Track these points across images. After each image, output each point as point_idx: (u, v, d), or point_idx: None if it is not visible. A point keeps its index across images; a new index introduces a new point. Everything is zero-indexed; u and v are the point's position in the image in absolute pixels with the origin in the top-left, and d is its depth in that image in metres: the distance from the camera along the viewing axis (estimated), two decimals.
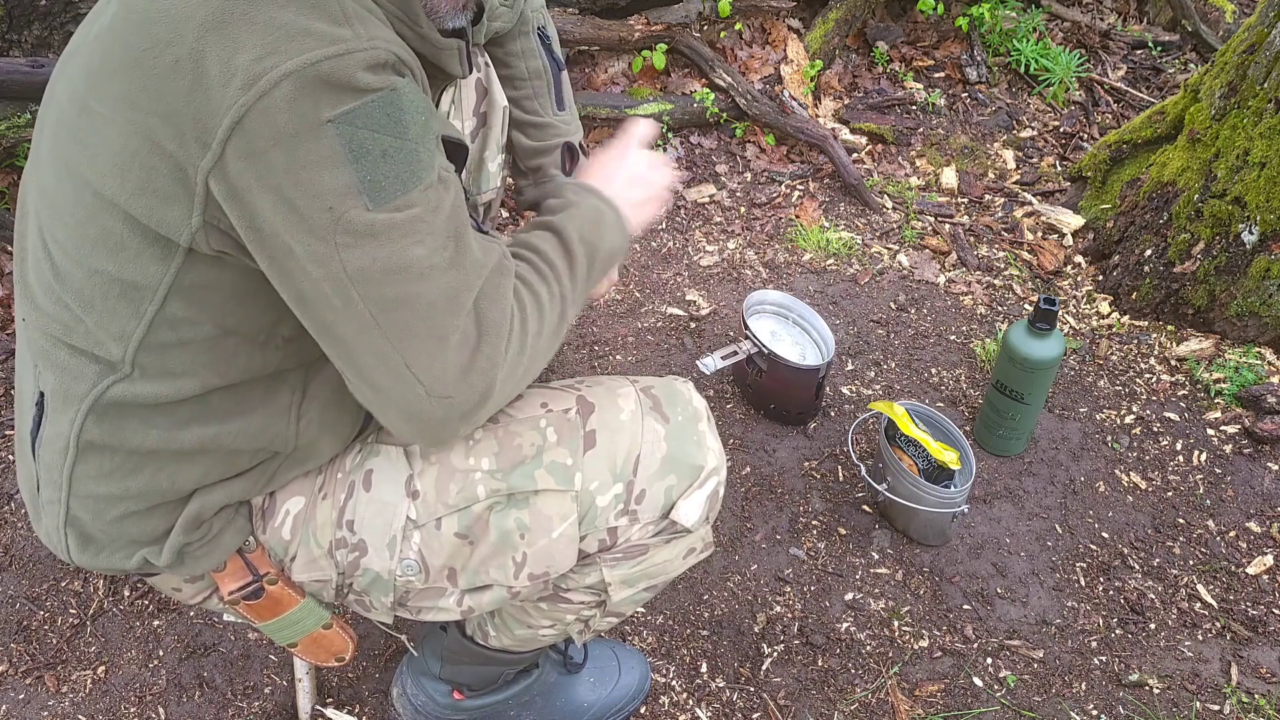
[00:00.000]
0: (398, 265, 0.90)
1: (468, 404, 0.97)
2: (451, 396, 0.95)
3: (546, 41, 1.59)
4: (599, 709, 1.65)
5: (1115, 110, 3.23)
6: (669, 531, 1.23)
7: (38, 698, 1.69)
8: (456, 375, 0.95)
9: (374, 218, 0.88)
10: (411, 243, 0.90)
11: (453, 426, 0.98)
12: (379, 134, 0.87)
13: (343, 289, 0.90)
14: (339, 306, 0.91)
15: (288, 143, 0.84)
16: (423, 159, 0.91)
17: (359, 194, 0.87)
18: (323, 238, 0.88)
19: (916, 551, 1.97)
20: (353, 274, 0.89)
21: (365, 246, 0.89)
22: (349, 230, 0.88)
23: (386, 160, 0.88)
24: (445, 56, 1.05)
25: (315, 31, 0.85)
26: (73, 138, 0.95)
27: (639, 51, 3.00)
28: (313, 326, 0.95)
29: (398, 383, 0.94)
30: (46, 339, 1.04)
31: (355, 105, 0.86)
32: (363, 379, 0.96)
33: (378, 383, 0.95)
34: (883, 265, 2.63)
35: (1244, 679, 1.79)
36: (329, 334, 0.94)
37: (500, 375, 0.98)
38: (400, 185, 0.89)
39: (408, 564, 1.17)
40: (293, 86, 0.83)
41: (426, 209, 0.91)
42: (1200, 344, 2.36)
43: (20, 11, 2.32)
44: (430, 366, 0.93)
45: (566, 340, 2.37)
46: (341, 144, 0.86)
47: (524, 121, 1.58)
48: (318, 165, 0.86)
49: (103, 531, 1.11)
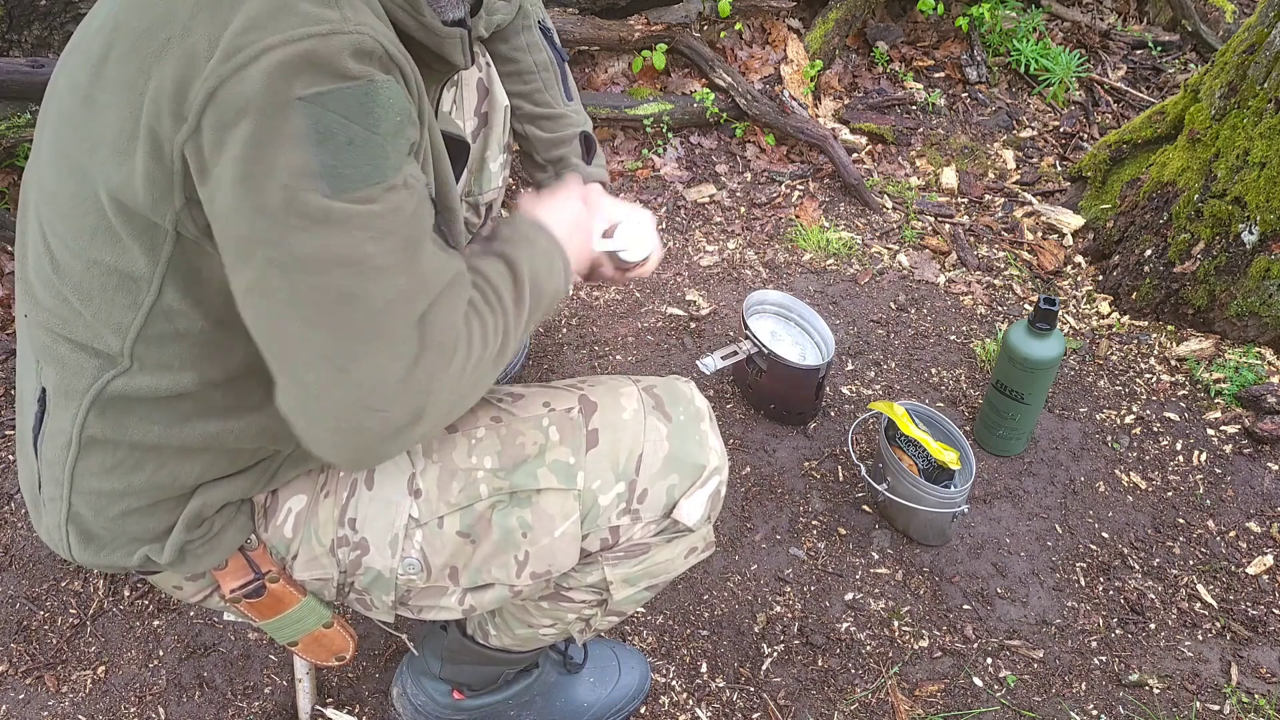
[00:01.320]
0: (347, 258, 0.87)
1: (401, 420, 0.91)
2: (385, 410, 0.90)
3: (548, 34, 1.59)
4: (599, 709, 1.65)
5: (1115, 110, 3.23)
6: (671, 530, 1.23)
7: (38, 698, 1.69)
8: (392, 386, 0.90)
9: (329, 204, 0.85)
10: (365, 238, 0.87)
11: (381, 444, 0.92)
12: (348, 121, 0.85)
13: (288, 275, 0.86)
14: (282, 296, 0.87)
15: (255, 115, 0.83)
16: (390, 157, 0.89)
17: (317, 178, 0.85)
18: (273, 216, 0.85)
19: (916, 551, 1.97)
20: (298, 259, 0.86)
21: (316, 232, 0.86)
22: (301, 213, 0.85)
23: (351, 149, 0.86)
24: (448, 45, 1.04)
25: (302, 10, 0.84)
26: (74, 130, 0.95)
27: (639, 51, 3.00)
28: (251, 318, 0.91)
29: (330, 389, 0.89)
30: (47, 334, 1.04)
31: (330, 88, 0.84)
32: (295, 381, 0.90)
33: (312, 385, 0.90)
34: (883, 265, 2.63)
35: (1244, 679, 1.79)
36: (266, 328, 0.90)
37: (437, 393, 0.94)
38: (361, 178, 0.87)
39: (409, 562, 1.17)
40: (271, 61, 0.82)
41: (386, 208, 0.89)
42: (1200, 344, 2.37)
43: (20, 11, 2.31)
44: (369, 371, 0.89)
45: (566, 340, 2.37)
46: (308, 123, 0.84)
47: (537, 115, 1.57)
48: (279, 141, 0.83)
49: (104, 529, 1.10)
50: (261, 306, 0.89)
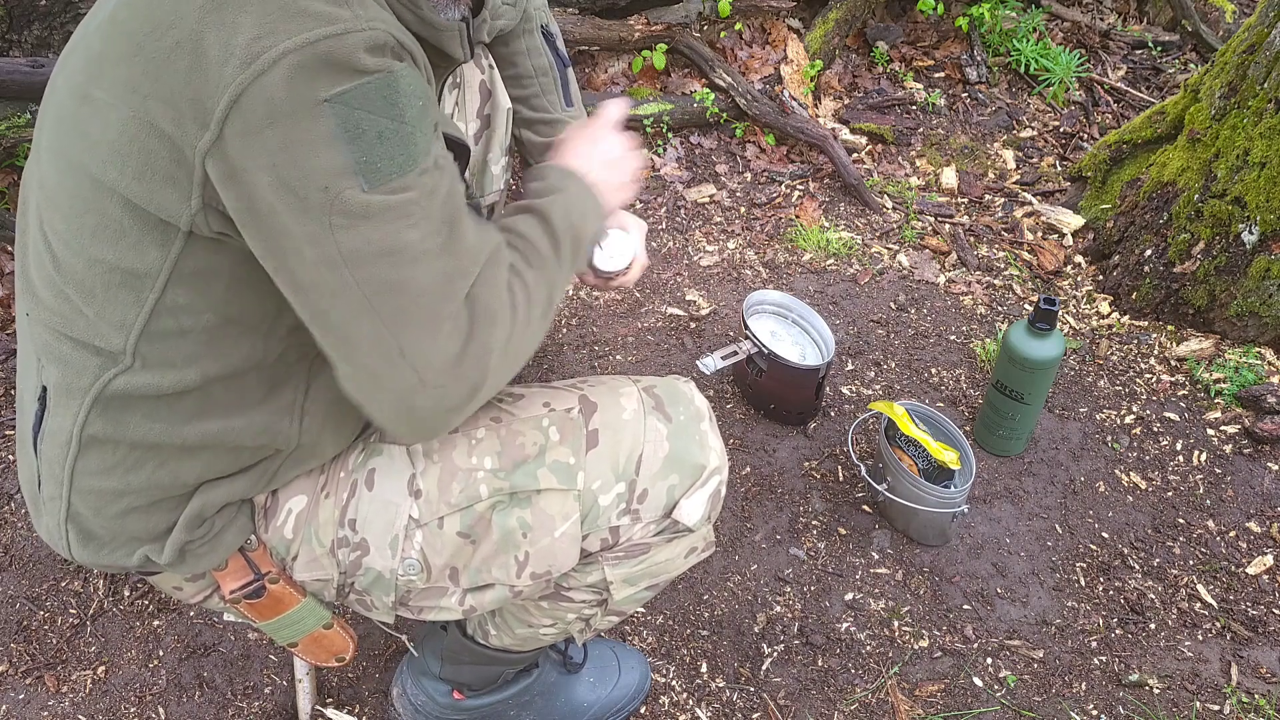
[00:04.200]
0: (391, 248, 0.90)
1: (460, 394, 0.96)
2: (444, 385, 0.94)
3: (551, 39, 1.59)
4: (599, 709, 1.65)
5: (1115, 110, 3.23)
6: (671, 530, 1.23)
7: (38, 698, 1.69)
8: (449, 363, 0.94)
9: (369, 199, 0.88)
10: (406, 226, 0.90)
11: (444, 418, 0.97)
12: (375, 115, 0.87)
13: (336, 271, 0.89)
14: (333, 290, 0.90)
15: (284, 121, 0.84)
16: (419, 143, 0.91)
17: (354, 175, 0.87)
18: (317, 218, 0.87)
19: (916, 551, 1.97)
20: (346, 255, 0.89)
21: (359, 228, 0.88)
22: (343, 211, 0.87)
23: (382, 142, 0.88)
24: (446, 39, 1.05)
25: (313, 11, 0.85)
26: (73, 128, 0.95)
27: (639, 51, 3.00)
28: (307, 314, 0.94)
29: (392, 370, 0.93)
30: (49, 332, 1.04)
31: (352, 86, 0.86)
32: (356, 367, 0.94)
33: (373, 370, 0.93)
34: (883, 265, 2.63)
35: (1244, 679, 1.79)
36: (323, 321, 0.93)
37: (492, 364, 0.98)
38: (396, 168, 0.89)
39: (410, 563, 1.17)
40: (290, 65, 0.83)
41: (422, 193, 0.91)
42: (1200, 344, 2.37)
43: (20, 11, 2.31)
44: (424, 353, 0.93)
45: (566, 340, 2.37)
46: (337, 124, 0.85)
47: (533, 119, 1.58)
48: (313, 145, 0.85)
49: (104, 528, 1.10)
50: (316, 302, 0.92)
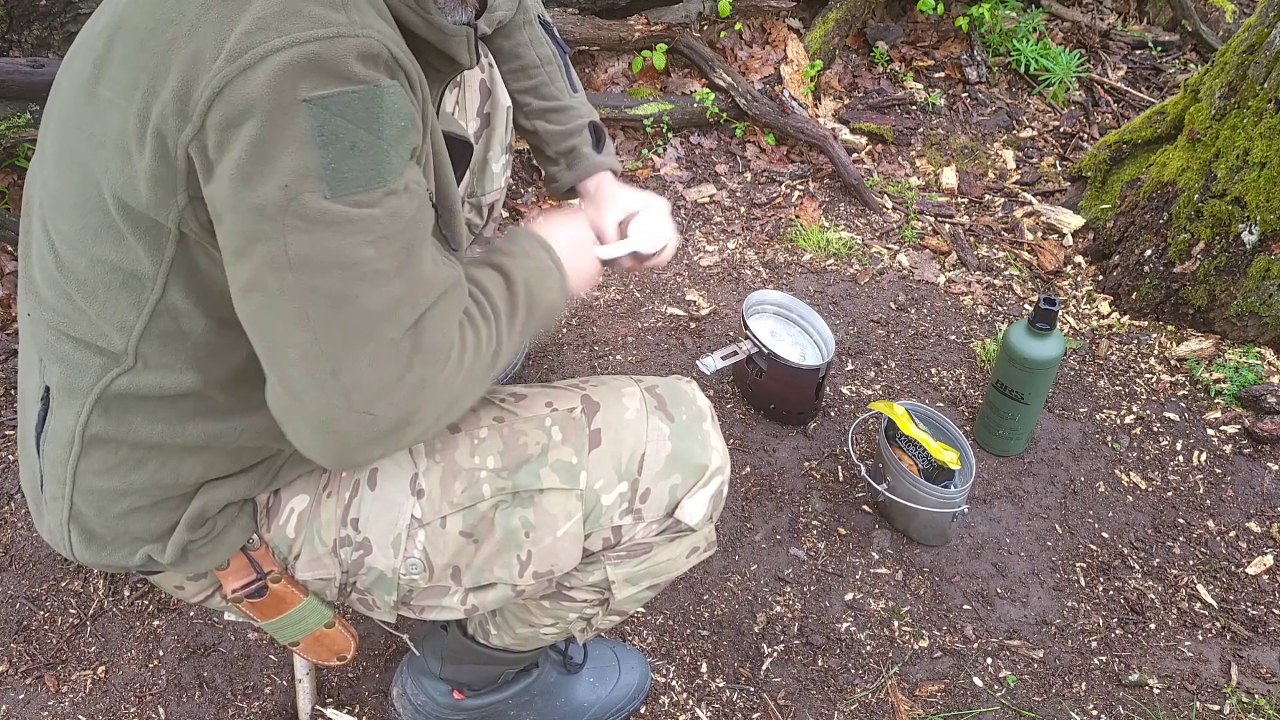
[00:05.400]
0: (343, 260, 0.87)
1: (386, 424, 0.92)
2: (371, 412, 0.90)
3: (548, 28, 1.59)
4: (599, 709, 1.65)
5: (1115, 110, 3.23)
6: (673, 530, 1.23)
7: (38, 698, 1.69)
8: (381, 390, 0.90)
9: (328, 206, 0.86)
10: (362, 241, 0.88)
11: (366, 448, 0.93)
12: (353, 125, 0.86)
13: (280, 274, 0.86)
14: (273, 293, 0.87)
15: (260, 116, 0.83)
16: (392, 163, 0.89)
17: (318, 179, 0.85)
18: (272, 217, 0.85)
19: (916, 551, 1.97)
20: (294, 259, 0.86)
21: (313, 233, 0.86)
22: (300, 214, 0.85)
23: (354, 153, 0.86)
24: (454, 44, 1.04)
25: (310, 13, 0.85)
26: (78, 128, 0.95)
27: (639, 51, 3.00)
28: (244, 314, 0.91)
29: (319, 390, 0.89)
30: (51, 332, 1.04)
31: (335, 91, 0.85)
32: (281, 378, 0.90)
33: (297, 387, 0.89)
34: (883, 265, 2.63)
35: (1244, 679, 1.79)
36: (257, 324, 0.90)
37: (426, 399, 0.94)
38: (363, 181, 0.87)
39: (412, 562, 1.17)
40: (278, 62, 0.83)
41: (385, 212, 0.89)
42: (1200, 344, 2.37)
43: (20, 11, 2.31)
44: (357, 374, 0.89)
45: (566, 340, 2.37)
46: (313, 126, 0.84)
47: (545, 109, 1.57)
48: (283, 141, 0.84)
49: (106, 528, 1.10)
50: (256, 305, 0.89)
